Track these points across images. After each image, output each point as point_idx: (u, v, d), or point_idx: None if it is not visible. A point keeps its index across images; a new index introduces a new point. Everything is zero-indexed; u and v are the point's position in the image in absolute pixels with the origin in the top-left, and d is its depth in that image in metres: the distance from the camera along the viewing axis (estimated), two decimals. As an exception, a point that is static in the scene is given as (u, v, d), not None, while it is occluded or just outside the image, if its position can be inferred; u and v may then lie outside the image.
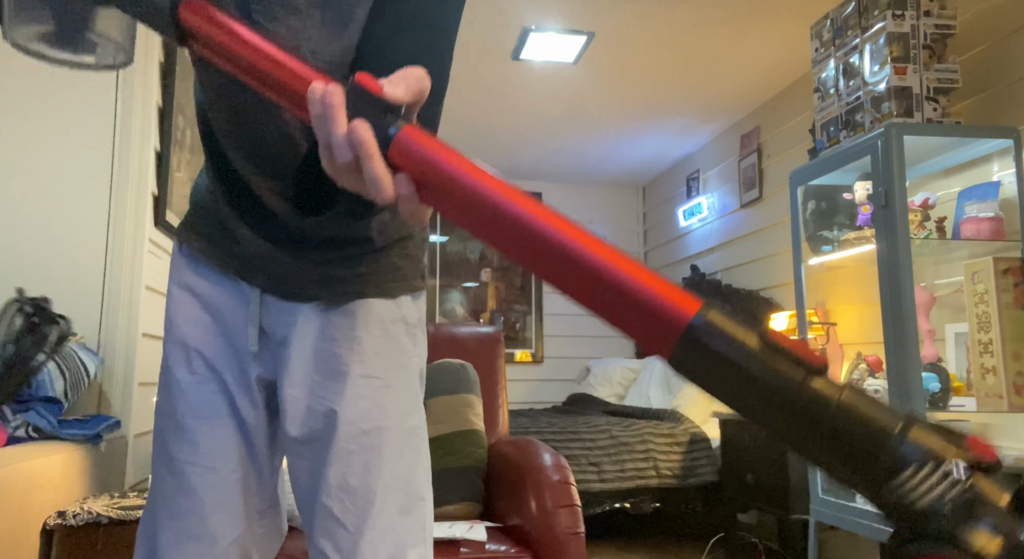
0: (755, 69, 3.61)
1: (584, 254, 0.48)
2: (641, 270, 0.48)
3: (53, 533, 1.59)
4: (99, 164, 2.33)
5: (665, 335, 0.46)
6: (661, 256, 5.36)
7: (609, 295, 0.47)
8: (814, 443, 0.43)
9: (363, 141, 0.52)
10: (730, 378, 0.44)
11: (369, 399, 0.87)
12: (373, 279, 0.90)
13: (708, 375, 0.45)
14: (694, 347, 0.45)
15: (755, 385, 0.43)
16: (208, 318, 0.91)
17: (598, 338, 5.48)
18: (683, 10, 3.07)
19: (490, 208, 0.51)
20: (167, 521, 0.87)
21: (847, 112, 2.46)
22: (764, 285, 3.93)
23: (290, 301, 0.89)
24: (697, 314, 0.45)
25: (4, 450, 1.66)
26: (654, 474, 3.38)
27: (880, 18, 2.32)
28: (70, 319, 1.92)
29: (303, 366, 0.87)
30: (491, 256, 5.49)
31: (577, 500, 1.78)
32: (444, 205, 0.53)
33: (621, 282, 0.47)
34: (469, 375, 2.29)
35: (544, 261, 0.50)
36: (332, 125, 0.53)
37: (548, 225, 0.49)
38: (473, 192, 0.51)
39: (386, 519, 0.84)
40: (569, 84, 3.86)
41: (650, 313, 0.46)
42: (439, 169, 0.52)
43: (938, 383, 2.13)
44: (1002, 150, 2.28)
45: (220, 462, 0.87)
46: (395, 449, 0.87)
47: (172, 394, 0.89)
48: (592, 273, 0.48)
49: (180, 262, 0.94)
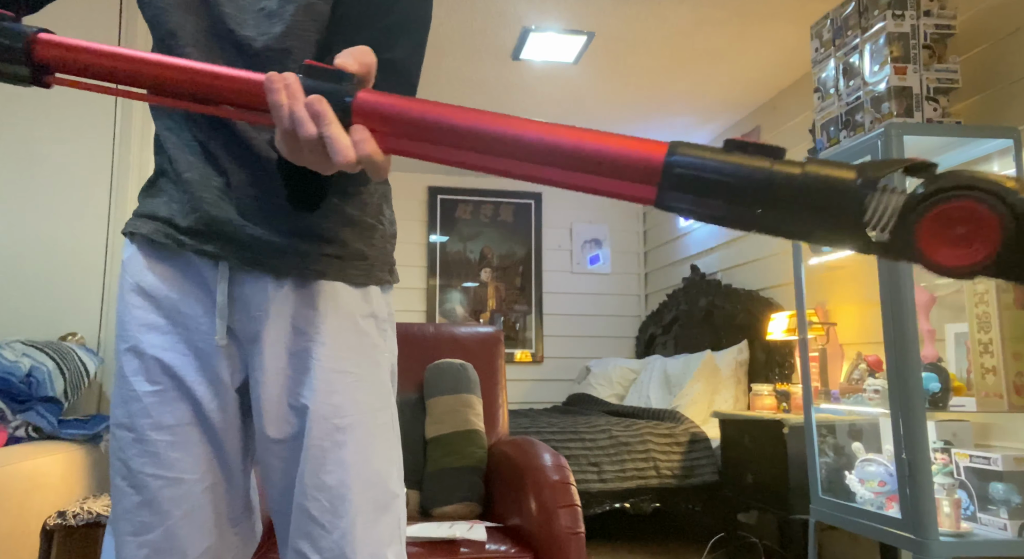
0: (755, 69, 3.61)
1: (558, 138, 0.53)
2: (608, 136, 0.53)
3: (53, 533, 1.59)
4: (99, 164, 2.33)
5: (648, 178, 0.51)
6: (661, 256, 5.36)
7: (589, 165, 0.53)
8: (797, 217, 0.48)
9: (320, 112, 0.57)
10: (715, 191, 0.49)
11: (342, 394, 0.85)
12: (338, 262, 0.88)
13: (695, 199, 0.50)
14: (676, 179, 0.50)
15: (737, 187, 0.48)
16: (163, 321, 0.86)
17: (598, 338, 5.49)
18: (683, 10, 3.07)
19: (463, 130, 0.55)
20: (131, 537, 0.83)
21: (847, 112, 2.46)
22: (764, 285, 3.93)
23: (249, 273, 0.86)
24: (668, 151, 0.51)
25: (4, 450, 1.65)
26: (654, 474, 3.37)
27: (880, 18, 2.32)
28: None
29: (276, 362, 0.85)
30: (491, 256, 5.49)
31: (577, 500, 1.78)
32: (415, 147, 0.58)
33: (596, 150, 0.52)
34: (469, 375, 2.29)
35: (523, 159, 0.54)
36: (295, 103, 0.57)
37: (516, 125, 0.55)
38: (446, 123, 0.56)
39: (364, 517, 0.83)
40: (569, 84, 3.86)
41: (629, 166, 0.51)
42: (405, 115, 0.57)
43: (938, 383, 2.13)
44: (1002, 150, 2.28)
45: (186, 473, 0.84)
46: (369, 445, 0.85)
47: (130, 406, 0.85)
48: (570, 152, 0.53)
49: (131, 261, 0.89)
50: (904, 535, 2.04)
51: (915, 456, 2.02)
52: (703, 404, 3.84)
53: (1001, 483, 2.02)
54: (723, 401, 3.84)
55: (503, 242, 5.51)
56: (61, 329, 2.21)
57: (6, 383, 1.81)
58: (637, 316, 5.59)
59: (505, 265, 5.50)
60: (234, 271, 0.86)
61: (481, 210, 5.50)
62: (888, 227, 0.46)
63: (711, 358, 3.95)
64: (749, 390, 3.64)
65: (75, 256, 2.25)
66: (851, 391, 2.48)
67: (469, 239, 5.44)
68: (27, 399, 1.85)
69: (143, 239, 0.89)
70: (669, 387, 4.20)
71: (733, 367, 3.88)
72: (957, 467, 2.15)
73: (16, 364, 1.87)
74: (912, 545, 2.01)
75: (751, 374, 3.85)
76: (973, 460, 2.11)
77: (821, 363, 2.73)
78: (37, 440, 1.81)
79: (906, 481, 2.03)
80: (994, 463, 2.04)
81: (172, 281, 0.87)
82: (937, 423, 2.24)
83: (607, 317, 5.55)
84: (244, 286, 0.86)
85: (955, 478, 2.11)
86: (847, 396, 2.48)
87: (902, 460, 2.05)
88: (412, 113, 0.57)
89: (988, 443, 2.31)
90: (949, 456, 2.17)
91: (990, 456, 2.06)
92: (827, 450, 2.62)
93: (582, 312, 5.52)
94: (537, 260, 5.53)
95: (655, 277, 5.47)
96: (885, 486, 2.27)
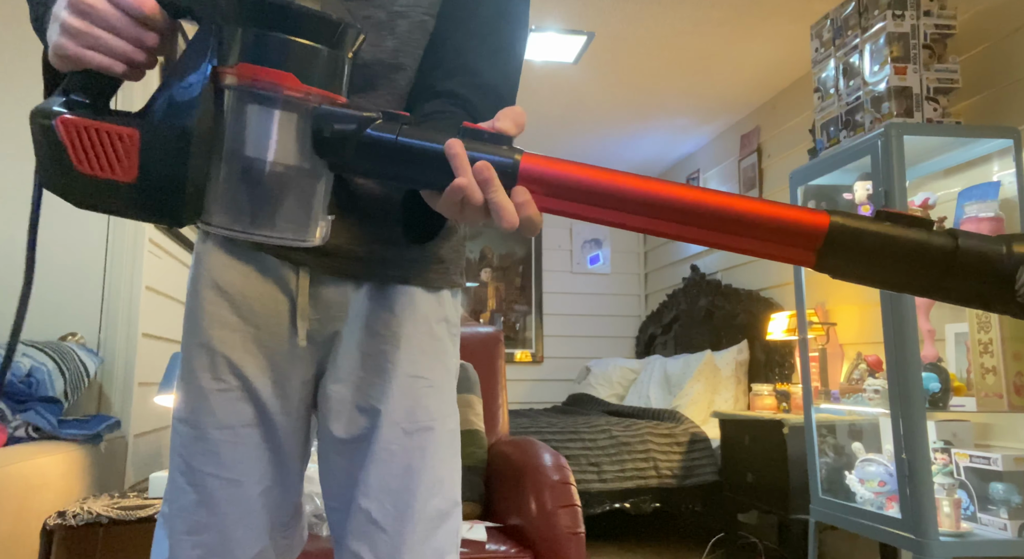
0: (755, 69, 3.61)
1: (722, 206, 0.56)
2: (767, 203, 0.56)
3: (53, 533, 1.59)
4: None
5: (809, 244, 0.55)
6: (661, 256, 5.36)
7: (753, 230, 0.56)
8: (951, 283, 0.53)
9: (488, 179, 0.58)
10: (873, 257, 0.54)
11: (414, 399, 0.84)
12: (418, 266, 0.87)
13: (854, 263, 0.55)
14: (837, 245, 0.55)
15: (894, 254, 0.54)
16: (237, 320, 0.84)
17: (598, 338, 5.49)
18: (683, 10, 3.07)
19: (628, 196, 0.58)
20: (185, 536, 0.83)
21: (847, 112, 2.46)
22: (764, 285, 3.93)
23: (330, 277, 0.84)
24: (831, 220, 0.55)
25: (4, 450, 1.66)
26: (654, 474, 3.38)
27: (880, 18, 2.32)
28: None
29: (350, 362, 0.85)
30: (491, 256, 5.49)
31: (577, 500, 1.78)
32: (574, 208, 0.60)
33: (760, 216, 0.56)
34: (469, 375, 2.29)
35: (686, 224, 0.57)
36: (463, 173, 0.59)
37: (676, 192, 0.57)
38: (612, 189, 0.58)
39: (425, 524, 0.82)
40: (569, 84, 3.86)
41: (792, 232, 0.56)
42: (567, 180, 0.59)
43: (938, 383, 2.13)
44: (1002, 150, 2.28)
45: (245, 475, 0.83)
46: (437, 452, 0.84)
47: (194, 401, 0.84)
48: (735, 218, 0.56)
49: (207, 255, 0.86)
50: (904, 535, 2.04)
51: (915, 456, 2.02)
52: (703, 404, 3.84)
53: (1001, 483, 2.02)
54: (723, 401, 3.84)
55: (503, 242, 5.51)
56: (61, 329, 2.21)
57: (6, 383, 1.81)
58: (637, 316, 5.59)
59: (505, 265, 5.50)
60: (315, 273, 0.85)
61: (481, 210, 5.50)
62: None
63: (711, 358, 3.95)
64: (749, 390, 3.64)
65: (75, 256, 2.25)
66: (851, 391, 2.48)
67: (469, 239, 5.43)
68: (27, 399, 1.85)
69: (220, 237, 0.86)
70: (669, 387, 4.20)
71: (733, 367, 3.88)
72: (957, 467, 2.15)
73: (16, 364, 1.87)
74: (912, 545, 2.01)
75: (751, 374, 3.85)
76: (973, 460, 2.11)
77: (821, 363, 2.73)
78: (37, 440, 1.81)
79: (906, 481, 2.03)
80: (994, 463, 2.04)
81: (249, 279, 0.85)
82: (937, 423, 2.24)
83: (607, 317, 5.55)
84: (324, 287, 0.85)
85: (955, 478, 2.11)
86: (847, 396, 2.48)
87: (902, 460, 2.05)
88: (576, 179, 0.59)
89: (988, 443, 2.31)
90: (949, 456, 2.17)
91: (990, 456, 2.06)
92: (827, 450, 2.62)
93: (582, 312, 5.52)
94: (537, 260, 5.53)
95: (655, 277, 5.47)
96: (885, 486, 2.27)
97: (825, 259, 0.56)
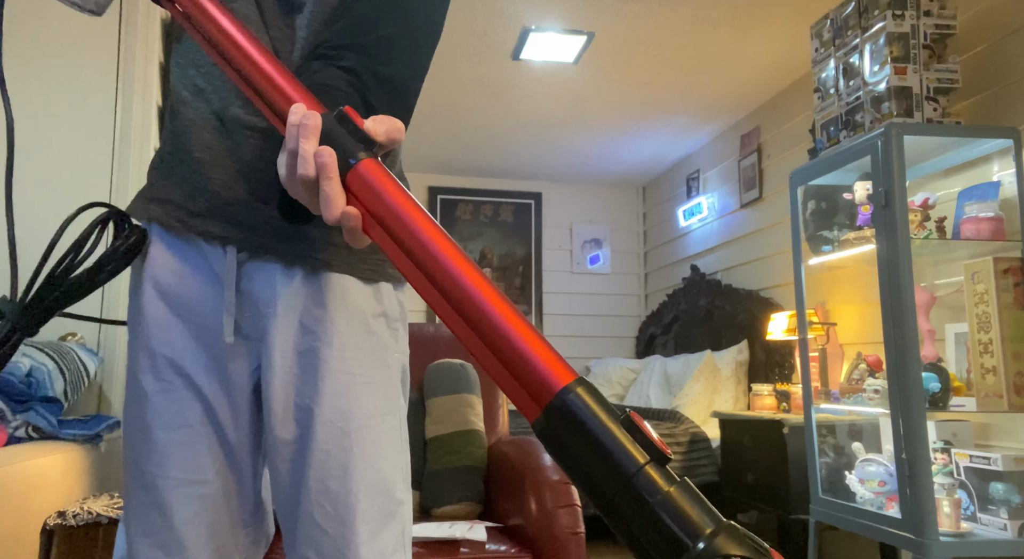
0: (755, 69, 3.61)
1: (496, 313, 0.51)
2: (536, 336, 0.50)
3: (53, 533, 1.59)
4: (99, 161, 2.33)
5: (538, 396, 0.48)
6: (661, 256, 5.36)
7: (502, 352, 0.50)
8: (632, 523, 0.43)
9: (326, 164, 0.57)
10: (582, 450, 0.45)
11: (348, 398, 0.82)
12: (345, 253, 0.85)
13: (564, 444, 0.46)
14: (556, 416, 0.47)
15: (602, 460, 0.45)
16: (174, 318, 0.84)
17: (598, 338, 5.49)
18: (683, 10, 3.07)
19: (422, 251, 0.54)
20: (142, 538, 0.82)
21: (847, 112, 2.46)
22: (764, 285, 3.93)
23: (258, 265, 0.84)
24: (568, 385, 0.47)
25: (4, 450, 1.66)
26: (654, 474, 3.37)
27: (880, 18, 2.32)
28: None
29: (284, 360, 0.83)
30: (491, 256, 5.49)
31: (577, 500, 1.78)
32: (382, 240, 0.57)
33: (516, 341, 0.50)
34: (469, 375, 2.29)
35: (456, 310, 0.52)
36: (305, 141, 0.58)
37: (471, 281, 0.52)
38: (410, 231, 0.55)
39: (369, 525, 0.81)
40: (569, 84, 3.86)
41: (530, 374, 0.49)
42: (385, 205, 0.56)
43: (938, 383, 2.13)
44: (1002, 150, 2.28)
45: (195, 474, 0.82)
46: (377, 451, 0.83)
47: (139, 404, 0.83)
48: (494, 330, 0.50)
49: (144, 250, 0.87)
50: (904, 535, 2.04)
51: (915, 456, 2.02)
52: (703, 404, 3.84)
53: (1001, 483, 2.02)
54: (723, 401, 3.84)
55: (503, 242, 5.51)
56: (61, 329, 2.21)
57: (6, 383, 1.81)
58: (637, 316, 5.59)
59: (505, 265, 5.50)
60: (243, 264, 0.84)
61: (481, 210, 5.50)
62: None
63: (711, 358, 3.95)
64: (749, 390, 3.64)
65: (75, 256, 2.25)
66: (851, 391, 2.48)
67: (469, 239, 5.44)
68: (27, 399, 1.85)
69: (157, 226, 0.86)
70: (669, 387, 4.20)
71: (733, 367, 3.88)
72: (957, 467, 2.15)
73: (16, 364, 1.87)
74: (912, 545, 2.01)
75: (751, 374, 3.85)
76: (973, 460, 2.11)
77: (821, 363, 2.73)
78: (37, 440, 1.81)
79: (906, 481, 2.03)
80: (994, 463, 2.04)
81: (184, 276, 0.85)
82: (937, 423, 2.24)
83: (607, 317, 5.55)
84: (253, 280, 0.84)
85: (955, 478, 2.11)
86: (847, 396, 2.48)
87: (902, 460, 2.05)
88: (391, 202, 0.56)
89: (988, 443, 2.31)
90: (949, 456, 2.17)
91: (990, 456, 2.06)
92: (827, 450, 2.62)
93: (582, 312, 5.52)
94: (537, 260, 5.53)
95: (655, 277, 5.47)
96: (885, 486, 2.27)
97: (541, 422, 0.47)
